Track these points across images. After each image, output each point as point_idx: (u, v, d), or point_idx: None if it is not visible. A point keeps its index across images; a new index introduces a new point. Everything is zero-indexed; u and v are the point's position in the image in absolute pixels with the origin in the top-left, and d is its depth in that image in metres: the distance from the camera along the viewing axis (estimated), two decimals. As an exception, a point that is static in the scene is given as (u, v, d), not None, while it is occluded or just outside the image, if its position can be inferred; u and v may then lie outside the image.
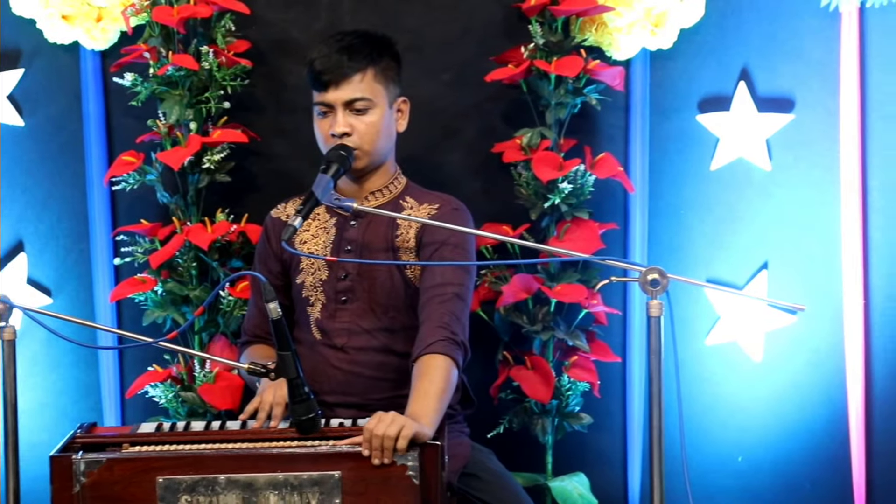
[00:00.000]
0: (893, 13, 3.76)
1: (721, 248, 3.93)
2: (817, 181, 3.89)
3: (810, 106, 3.87)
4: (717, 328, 3.91)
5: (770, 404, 3.91)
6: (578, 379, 3.71)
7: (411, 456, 2.70)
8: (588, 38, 3.74)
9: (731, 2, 3.85)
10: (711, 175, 3.91)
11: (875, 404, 3.87)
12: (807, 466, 3.91)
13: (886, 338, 3.86)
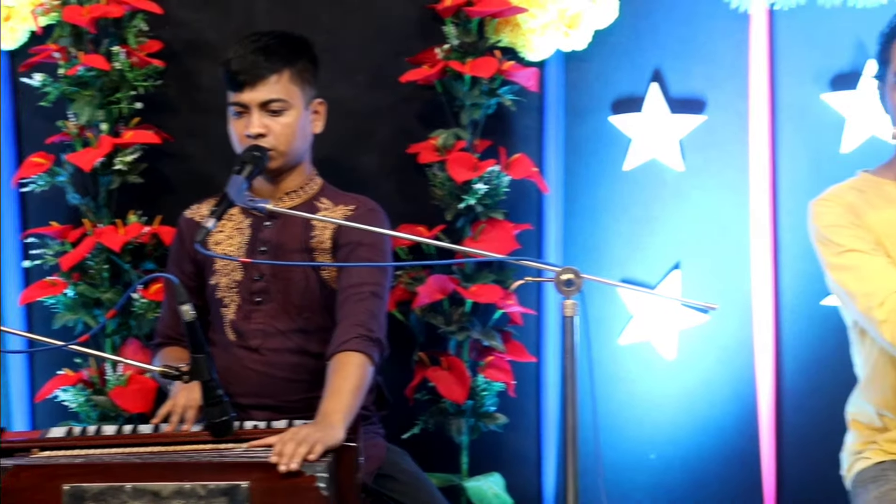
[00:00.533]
0: (801, 15, 3.82)
1: (635, 249, 3.96)
2: (728, 182, 3.93)
3: (721, 107, 3.91)
4: (630, 327, 3.94)
5: (682, 402, 3.96)
6: (494, 379, 3.73)
7: (321, 466, 2.66)
8: (502, 39, 3.75)
9: (643, 4, 3.88)
10: (625, 176, 3.94)
11: (784, 401, 3.93)
12: (718, 462, 3.95)
13: (795, 336, 3.92)
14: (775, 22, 3.86)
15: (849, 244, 2.80)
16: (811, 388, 3.89)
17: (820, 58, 3.85)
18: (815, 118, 3.86)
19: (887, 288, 2.71)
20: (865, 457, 2.91)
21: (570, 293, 2.63)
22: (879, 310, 2.70)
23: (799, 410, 3.92)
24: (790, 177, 3.90)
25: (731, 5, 3.84)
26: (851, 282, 2.78)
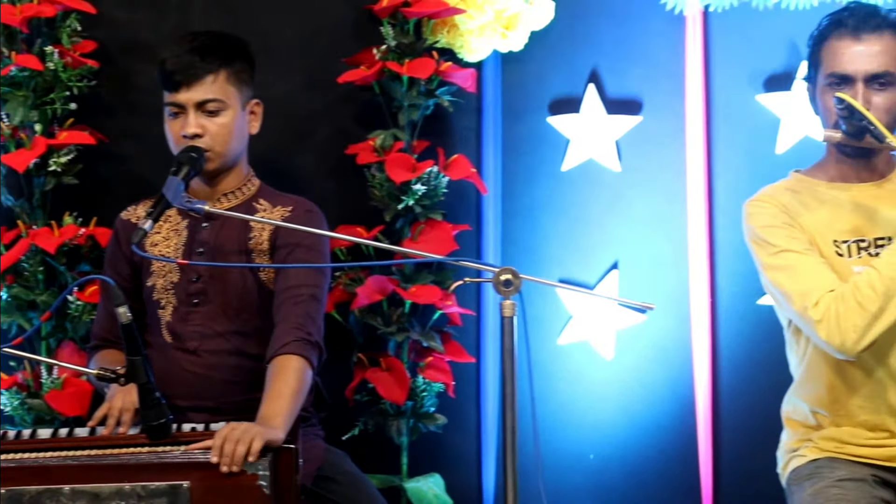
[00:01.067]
0: (736, 17, 3.85)
1: (573, 249, 3.98)
2: (665, 182, 3.95)
3: (657, 108, 3.93)
4: (569, 327, 3.95)
5: (621, 401, 3.97)
6: (433, 380, 3.73)
7: (262, 465, 2.66)
8: (440, 40, 3.75)
9: (580, 5, 3.90)
10: (563, 176, 3.95)
11: (721, 400, 3.95)
12: (656, 461, 3.97)
13: (732, 335, 3.94)
14: (710, 23, 3.89)
15: (783, 244, 2.83)
16: (747, 386, 3.91)
17: (754, 59, 3.88)
18: (750, 119, 3.90)
19: (822, 287, 2.74)
20: (801, 454, 2.94)
21: (509, 293, 2.63)
22: (815, 309, 2.72)
23: (735, 409, 3.94)
24: (726, 177, 3.93)
25: (667, 6, 3.86)
26: (787, 282, 2.80)
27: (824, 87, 2.83)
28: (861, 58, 2.78)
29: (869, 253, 2.83)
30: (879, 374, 2.82)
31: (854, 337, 2.68)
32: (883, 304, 2.66)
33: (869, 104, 2.75)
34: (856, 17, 2.81)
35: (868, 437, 2.86)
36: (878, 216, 2.85)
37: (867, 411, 2.85)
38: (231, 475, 2.63)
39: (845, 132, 2.77)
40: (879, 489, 2.83)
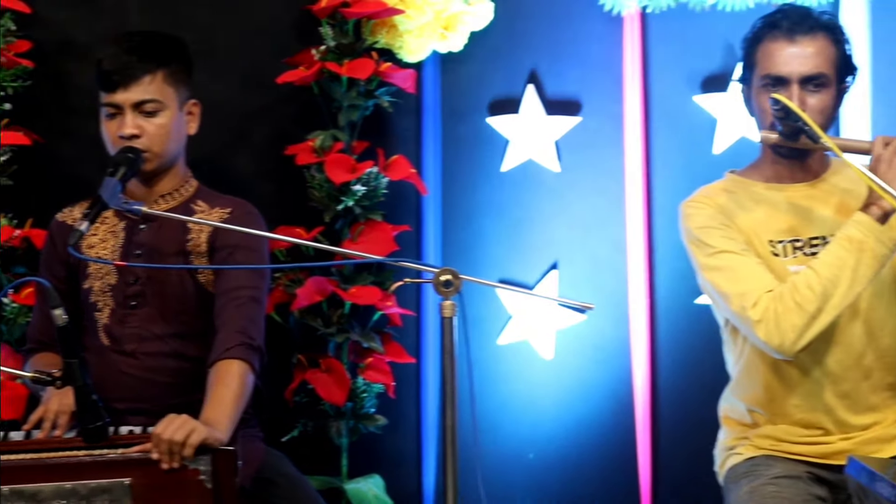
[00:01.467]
0: (673, 18, 3.87)
1: (512, 249, 3.99)
2: (604, 182, 3.97)
3: (596, 108, 3.95)
4: (509, 327, 3.96)
5: (560, 401, 3.99)
6: (373, 381, 3.72)
7: (203, 460, 2.65)
8: (379, 40, 3.75)
9: (519, 6, 3.91)
10: (503, 177, 3.96)
11: (659, 399, 3.98)
12: (595, 460, 3.99)
13: (670, 334, 3.97)
14: (648, 24, 3.91)
15: (720, 245, 2.85)
16: (685, 385, 3.94)
17: (691, 60, 3.91)
18: (687, 119, 3.92)
19: (760, 288, 2.76)
20: (737, 452, 2.96)
21: (449, 294, 2.63)
22: (753, 310, 2.75)
23: (674, 408, 3.97)
24: (664, 177, 3.95)
25: (605, 7, 3.88)
26: (724, 282, 2.82)
27: (759, 88, 2.85)
28: (795, 59, 2.80)
29: (804, 252, 2.85)
30: (816, 373, 2.85)
31: (793, 337, 2.71)
32: (821, 304, 2.68)
33: (804, 105, 2.77)
34: (790, 20, 2.83)
35: (803, 435, 2.89)
36: (812, 216, 2.88)
37: (803, 410, 2.88)
38: (172, 471, 2.61)
39: (781, 133, 2.79)
40: (814, 486, 2.86)
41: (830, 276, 2.68)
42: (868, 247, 2.67)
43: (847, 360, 2.85)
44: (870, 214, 2.69)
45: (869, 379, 2.87)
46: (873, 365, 2.87)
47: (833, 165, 2.95)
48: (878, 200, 2.68)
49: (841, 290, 2.68)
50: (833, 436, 2.88)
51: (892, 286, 2.87)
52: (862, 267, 2.67)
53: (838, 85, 2.86)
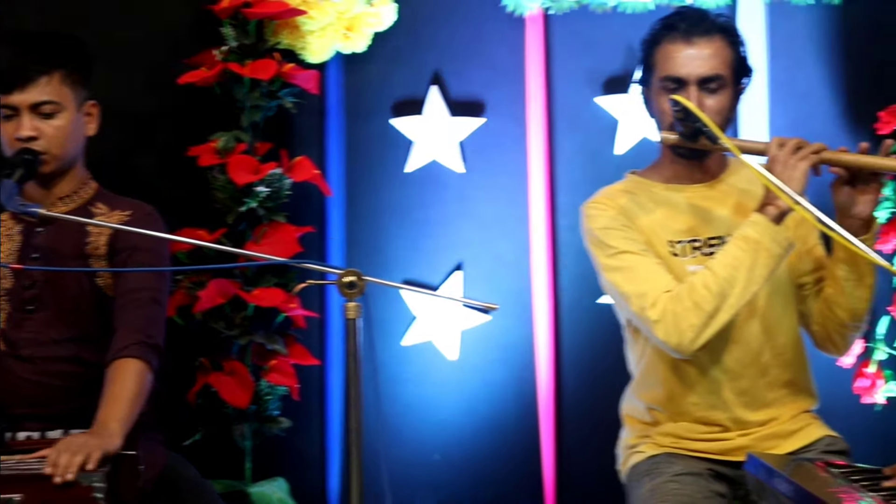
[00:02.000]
0: (574, 20, 3.91)
1: (417, 250, 3.99)
2: (508, 183, 3.99)
3: (500, 109, 3.97)
4: (413, 328, 3.97)
5: (465, 401, 4.00)
6: (277, 383, 3.71)
7: (97, 476, 2.60)
8: (282, 41, 3.74)
9: (422, 7, 3.92)
10: (406, 178, 3.97)
11: (563, 398, 4.00)
12: (500, 460, 4.01)
13: (573, 334, 4.00)
14: (550, 26, 3.94)
15: (621, 246, 2.87)
16: (589, 385, 3.97)
17: (593, 61, 3.94)
18: (589, 121, 3.96)
19: (659, 288, 2.79)
20: (639, 451, 2.99)
21: (353, 295, 2.63)
22: (652, 310, 2.77)
23: (577, 407, 4.00)
24: (567, 178, 3.98)
25: (508, 9, 3.90)
26: (624, 283, 2.84)
27: (658, 89, 2.88)
28: (693, 61, 2.83)
29: (702, 252, 2.89)
30: (714, 371, 2.88)
31: (691, 336, 2.74)
32: (718, 303, 2.72)
33: (702, 106, 2.80)
34: (687, 22, 2.86)
35: (703, 432, 2.93)
36: (710, 216, 2.92)
37: (702, 408, 2.91)
38: (65, 487, 2.56)
39: (681, 134, 2.82)
40: (715, 483, 2.89)
41: (727, 275, 2.71)
42: (764, 247, 2.71)
43: (745, 358, 2.89)
44: (766, 215, 2.72)
45: (766, 376, 2.91)
46: (770, 362, 2.91)
47: (731, 166, 2.99)
48: (775, 201, 2.71)
49: (737, 290, 2.72)
50: (732, 433, 2.92)
51: (788, 285, 2.92)
52: (758, 267, 2.71)
53: (735, 86, 2.90)
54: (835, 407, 3.48)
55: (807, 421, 2.97)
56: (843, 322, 2.87)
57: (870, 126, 3.78)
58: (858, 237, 2.69)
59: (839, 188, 2.78)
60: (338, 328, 3.91)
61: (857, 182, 2.77)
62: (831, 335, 2.92)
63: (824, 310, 2.90)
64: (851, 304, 2.85)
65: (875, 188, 2.77)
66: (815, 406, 3.01)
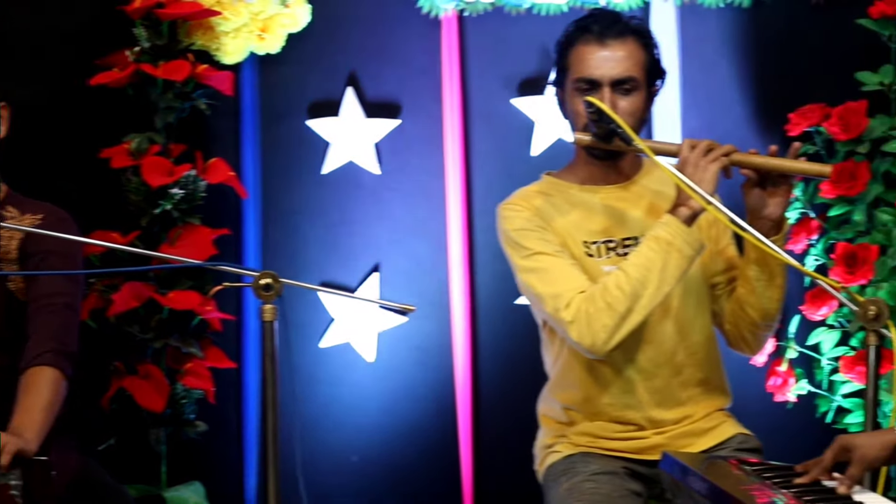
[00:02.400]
0: (489, 21, 3.92)
1: (334, 252, 3.98)
2: (424, 184, 4.00)
3: (416, 111, 3.98)
4: (331, 330, 3.96)
5: (383, 403, 4.00)
6: (193, 386, 3.68)
7: (14, 474, 2.58)
8: (196, 42, 3.71)
9: (337, 8, 3.91)
10: (323, 179, 3.96)
11: (481, 399, 4.01)
12: (418, 462, 4.01)
13: (491, 335, 4.01)
14: (465, 27, 3.95)
15: (536, 247, 2.88)
16: (506, 385, 3.99)
17: (509, 63, 3.96)
18: (505, 122, 3.97)
19: (573, 289, 2.80)
20: (556, 451, 3.00)
21: (269, 298, 2.62)
22: (566, 311, 2.78)
23: (495, 408, 4.01)
24: (483, 179, 3.99)
25: (423, 10, 3.90)
26: (539, 284, 2.85)
27: (572, 91, 2.89)
28: (606, 63, 2.85)
29: (617, 253, 2.90)
30: (628, 371, 2.90)
31: (604, 337, 2.75)
32: (630, 304, 2.73)
33: (615, 108, 2.82)
34: (600, 24, 2.87)
35: (619, 431, 2.94)
36: (624, 217, 2.94)
37: (617, 408, 2.93)
38: None
39: (595, 135, 2.83)
40: (631, 481, 2.91)
41: (639, 276, 2.73)
42: (676, 247, 2.73)
43: (659, 357, 2.91)
44: (678, 216, 2.74)
45: (680, 375, 2.94)
46: (684, 362, 2.93)
47: (644, 168, 3.02)
48: (687, 202, 2.73)
49: (650, 291, 2.73)
50: (647, 431, 2.94)
51: (701, 285, 2.94)
52: (670, 267, 2.73)
53: (648, 88, 2.92)
54: (748, 405, 3.53)
55: (720, 419, 3.00)
56: (755, 321, 2.91)
57: (780, 128, 3.83)
58: (770, 238, 2.73)
59: (750, 190, 2.81)
60: (254, 331, 3.89)
61: (767, 184, 2.80)
62: (743, 334, 2.95)
63: (736, 309, 2.93)
64: (763, 304, 2.88)
65: (785, 190, 2.80)
66: (728, 404, 3.05)
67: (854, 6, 3.83)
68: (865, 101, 3.72)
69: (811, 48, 3.96)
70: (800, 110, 3.79)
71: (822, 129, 3.77)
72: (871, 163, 3.73)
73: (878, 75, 3.76)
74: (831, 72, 3.90)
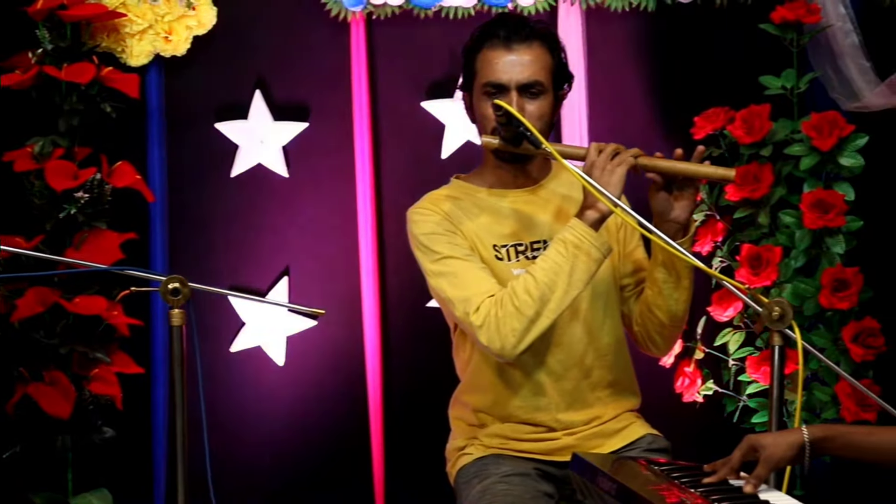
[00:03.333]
0: (398, 24, 3.92)
1: (243, 255, 3.96)
2: (334, 187, 3.99)
3: (325, 114, 3.96)
4: (241, 334, 3.93)
5: (294, 407, 3.98)
6: (100, 392, 3.64)
7: None
8: (100, 44, 3.67)
9: (244, 11, 3.88)
10: (232, 182, 3.93)
11: (392, 402, 4.02)
12: (330, 464, 4.01)
13: (402, 338, 4.01)
14: (374, 31, 3.94)
15: (445, 251, 2.88)
16: (417, 388, 4.00)
17: (418, 66, 3.97)
18: (415, 125, 3.98)
19: (482, 293, 2.81)
20: (467, 453, 3.00)
21: (177, 302, 2.61)
22: (475, 315, 2.79)
23: (406, 411, 4.02)
24: (393, 182, 3.99)
25: (332, 13, 3.89)
26: (449, 288, 2.85)
27: (480, 95, 2.90)
28: (513, 67, 2.86)
29: (526, 256, 2.91)
30: (538, 374, 2.91)
31: (513, 341, 2.76)
32: (539, 308, 2.74)
33: (522, 111, 2.83)
34: (507, 28, 2.88)
35: (530, 432, 2.96)
36: (533, 221, 2.95)
37: (528, 410, 2.94)
38: None
39: (503, 138, 2.84)
40: (542, 483, 2.93)
41: (548, 280, 2.74)
42: (583, 251, 2.74)
43: (568, 360, 2.92)
44: (585, 220, 2.75)
45: (589, 377, 2.96)
46: (593, 364, 2.95)
47: (553, 171, 3.03)
48: (594, 205, 2.74)
49: (558, 294, 2.74)
50: (557, 433, 2.95)
51: (609, 287, 2.97)
52: (577, 271, 2.74)
53: (555, 92, 2.93)
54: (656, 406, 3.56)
55: (629, 420, 3.02)
56: (663, 323, 2.94)
57: (685, 131, 3.87)
58: (677, 240, 2.76)
59: (656, 193, 2.83)
60: (163, 335, 3.86)
61: (674, 187, 2.83)
62: (652, 336, 2.98)
63: (644, 311, 2.95)
64: (670, 306, 2.91)
65: (691, 193, 2.83)
66: (637, 405, 3.07)
67: (757, 11, 3.89)
68: (768, 105, 3.77)
69: (715, 52, 4.02)
70: (704, 113, 3.83)
71: (727, 132, 3.82)
72: (774, 165, 3.79)
73: (780, 79, 3.82)
74: (735, 75, 3.96)
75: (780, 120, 3.80)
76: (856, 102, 3.83)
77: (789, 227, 3.78)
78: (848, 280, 3.66)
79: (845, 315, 3.73)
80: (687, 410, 3.94)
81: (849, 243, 3.74)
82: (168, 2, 3.69)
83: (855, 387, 2.55)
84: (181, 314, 2.62)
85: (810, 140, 3.70)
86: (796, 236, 3.76)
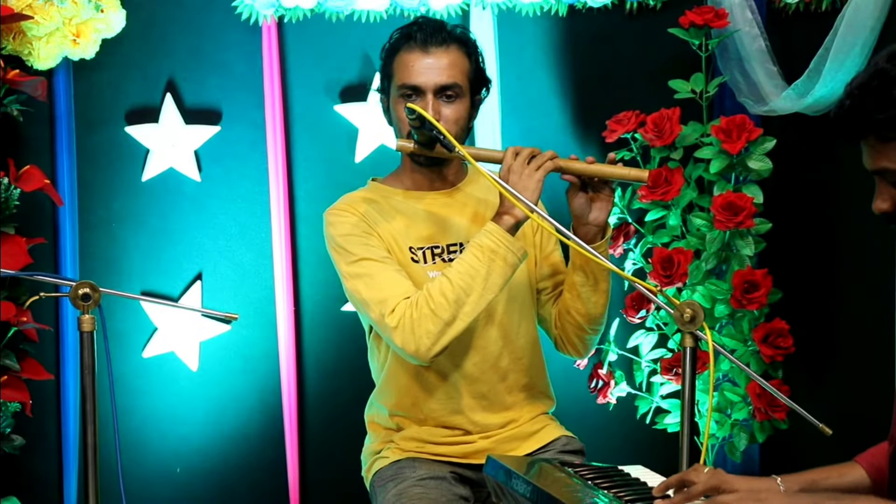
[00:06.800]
0: (310, 28, 3.91)
1: (155, 260, 3.93)
2: (247, 191, 3.96)
3: (237, 117, 3.94)
4: (154, 340, 3.90)
5: (209, 412, 3.95)
6: (9, 399, 3.59)
7: None
8: (7, 46, 3.61)
9: (154, 14, 3.85)
10: (143, 186, 3.89)
11: (307, 406, 4.00)
12: (245, 471, 3.98)
13: (316, 342, 4.00)
14: (286, 34, 3.92)
15: (361, 253, 2.88)
16: (333, 392, 3.98)
17: (330, 70, 3.95)
18: (328, 128, 3.97)
19: (398, 295, 2.81)
20: (383, 456, 3.01)
21: (88, 308, 2.58)
22: (391, 317, 2.79)
23: (321, 415, 4.01)
24: (307, 185, 3.98)
25: (243, 16, 3.87)
26: (365, 290, 2.85)
27: (396, 98, 2.90)
28: (430, 70, 2.86)
29: (442, 259, 2.92)
30: (454, 377, 2.93)
31: (428, 343, 2.76)
32: (454, 311, 2.75)
33: (438, 115, 2.84)
34: (424, 32, 2.89)
35: (446, 435, 2.97)
36: (449, 224, 2.96)
37: (443, 413, 2.95)
38: None
39: (417, 142, 2.85)
40: (458, 486, 2.94)
41: (463, 284, 2.75)
42: (500, 256, 2.75)
43: (484, 363, 2.94)
44: (501, 224, 2.76)
45: (505, 380, 2.97)
46: (509, 367, 2.97)
47: (469, 175, 3.04)
48: (511, 210, 2.75)
49: (473, 298, 2.75)
50: (473, 436, 2.97)
51: (526, 291, 2.98)
52: (493, 275, 2.75)
53: (472, 96, 2.94)
54: (571, 407, 3.61)
55: (544, 422, 3.04)
56: (582, 326, 2.96)
57: (598, 134, 3.91)
58: (595, 243, 2.79)
59: (574, 196, 2.85)
60: (73, 341, 3.80)
61: (590, 189, 2.85)
62: (571, 338, 3.00)
63: (563, 314, 2.98)
64: (588, 309, 2.94)
65: (607, 195, 2.86)
66: (552, 408, 3.10)
67: (666, 16, 3.93)
68: (678, 109, 3.82)
69: (626, 56, 4.06)
70: (616, 117, 3.86)
71: (638, 135, 3.85)
72: (684, 169, 3.83)
73: (689, 83, 3.86)
74: (646, 79, 4.00)
75: (690, 123, 3.84)
76: (764, 106, 3.89)
77: (700, 229, 3.82)
78: (758, 282, 3.71)
79: (755, 316, 3.78)
80: (601, 412, 3.97)
81: (758, 245, 3.79)
82: (76, 4, 3.64)
83: (764, 387, 2.58)
84: (91, 320, 2.59)
85: (720, 143, 3.74)
86: (707, 238, 3.80)
